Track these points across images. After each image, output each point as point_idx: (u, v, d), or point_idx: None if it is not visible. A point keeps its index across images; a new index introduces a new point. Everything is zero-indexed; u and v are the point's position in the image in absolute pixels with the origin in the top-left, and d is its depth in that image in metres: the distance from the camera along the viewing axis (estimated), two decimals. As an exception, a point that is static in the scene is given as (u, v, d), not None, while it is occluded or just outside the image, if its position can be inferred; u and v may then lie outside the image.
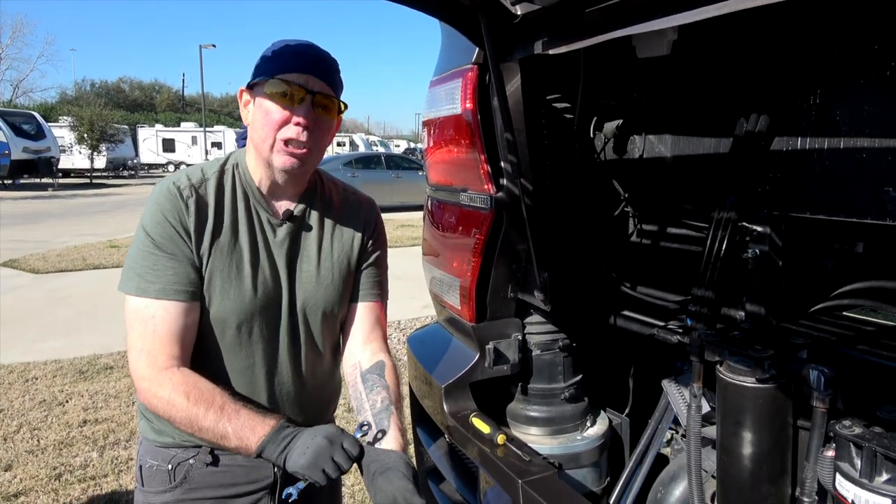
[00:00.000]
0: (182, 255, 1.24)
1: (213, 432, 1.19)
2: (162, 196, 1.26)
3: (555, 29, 1.33)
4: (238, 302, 1.28)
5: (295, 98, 1.23)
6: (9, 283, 7.99)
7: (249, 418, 1.19)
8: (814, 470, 1.03)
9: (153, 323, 1.22)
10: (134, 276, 1.24)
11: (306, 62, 1.26)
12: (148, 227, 1.24)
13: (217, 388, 1.23)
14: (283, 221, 1.35)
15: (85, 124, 28.42)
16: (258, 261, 1.31)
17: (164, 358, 1.22)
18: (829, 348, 1.12)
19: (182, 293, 1.23)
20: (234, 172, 1.34)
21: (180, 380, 1.21)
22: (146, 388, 1.22)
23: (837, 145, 1.27)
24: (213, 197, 1.29)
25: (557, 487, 1.27)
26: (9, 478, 3.30)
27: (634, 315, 1.71)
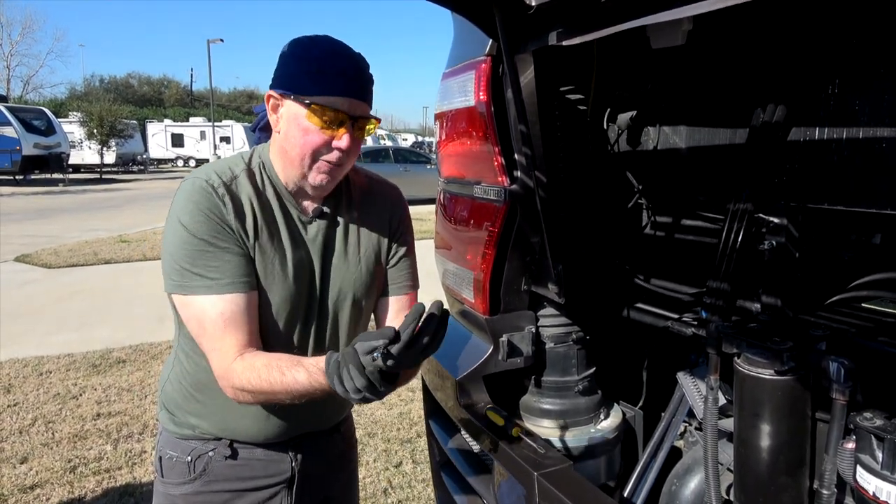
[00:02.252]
0: (235, 247, 1.23)
1: (291, 397, 1.19)
2: (197, 194, 1.22)
3: (569, 20, 1.32)
4: (279, 298, 1.28)
5: (337, 124, 1.21)
6: (21, 277, 8.06)
7: (306, 372, 1.16)
8: (833, 462, 1.02)
9: (222, 320, 1.21)
10: (192, 276, 1.21)
11: (351, 84, 1.22)
12: (191, 227, 1.21)
13: (269, 356, 1.22)
14: (312, 219, 1.35)
15: (94, 120, 28.55)
16: (296, 257, 1.31)
17: (233, 352, 1.22)
18: (848, 340, 1.11)
19: (247, 284, 1.23)
20: (260, 171, 1.31)
21: (244, 367, 1.20)
22: (227, 385, 1.23)
23: (856, 135, 1.25)
24: (245, 195, 1.26)
25: (573, 479, 1.27)
26: (25, 470, 3.34)
27: (648, 307, 1.70)
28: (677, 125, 1.73)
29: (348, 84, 1.21)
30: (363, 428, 3.85)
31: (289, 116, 1.23)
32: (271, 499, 1.39)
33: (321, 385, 1.16)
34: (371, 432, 3.80)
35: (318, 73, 1.19)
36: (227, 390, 1.24)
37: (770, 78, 1.44)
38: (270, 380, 1.18)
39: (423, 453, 3.52)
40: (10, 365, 4.88)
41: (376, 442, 3.68)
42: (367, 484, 3.23)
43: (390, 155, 18.13)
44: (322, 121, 1.20)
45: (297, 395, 1.19)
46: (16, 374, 4.70)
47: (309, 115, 1.20)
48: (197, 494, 1.36)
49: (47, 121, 25.17)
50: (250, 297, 1.24)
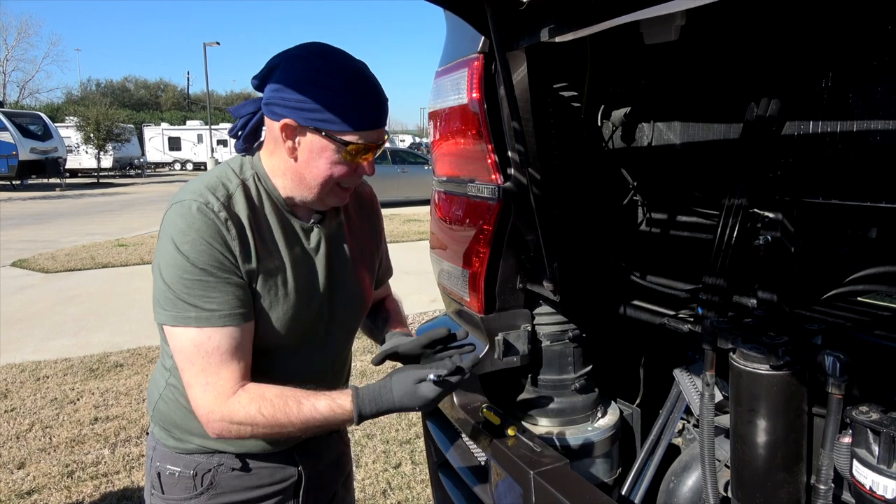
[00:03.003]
0: (234, 277, 1.18)
1: (308, 431, 1.22)
2: (199, 221, 1.16)
3: (561, 15, 1.32)
4: (286, 317, 1.26)
5: (363, 154, 1.22)
6: (19, 282, 8.05)
7: (328, 405, 1.20)
8: (830, 457, 1.01)
9: (218, 353, 1.17)
10: (187, 307, 1.16)
11: (378, 116, 1.21)
12: (192, 256, 1.15)
13: (282, 388, 1.21)
14: (312, 225, 1.33)
15: (91, 124, 28.53)
16: (298, 274, 1.29)
17: (230, 385, 1.18)
18: (844, 334, 1.11)
19: (244, 316, 1.19)
20: (256, 184, 1.27)
21: (248, 399, 1.18)
22: (217, 421, 1.18)
23: (850, 128, 1.25)
24: (244, 213, 1.22)
25: (570, 478, 1.26)
26: (22, 475, 3.33)
27: (644, 304, 1.69)
28: (671, 121, 1.72)
29: (377, 116, 1.21)
30: (362, 429, 3.84)
31: (312, 148, 1.20)
32: None
33: (345, 414, 1.19)
34: (370, 433, 3.79)
35: (353, 108, 1.17)
36: (216, 425, 1.18)
37: (763, 72, 1.43)
38: (287, 410, 1.17)
39: (422, 454, 3.51)
40: (7, 370, 4.87)
41: (375, 443, 3.67)
42: (366, 485, 3.22)
43: (388, 156, 18.11)
44: (350, 154, 1.20)
45: (313, 426, 1.20)
46: (13, 380, 4.69)
47: (341, 150, 1.19)
48: None
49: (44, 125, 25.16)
50: (246, 329, 1.21)
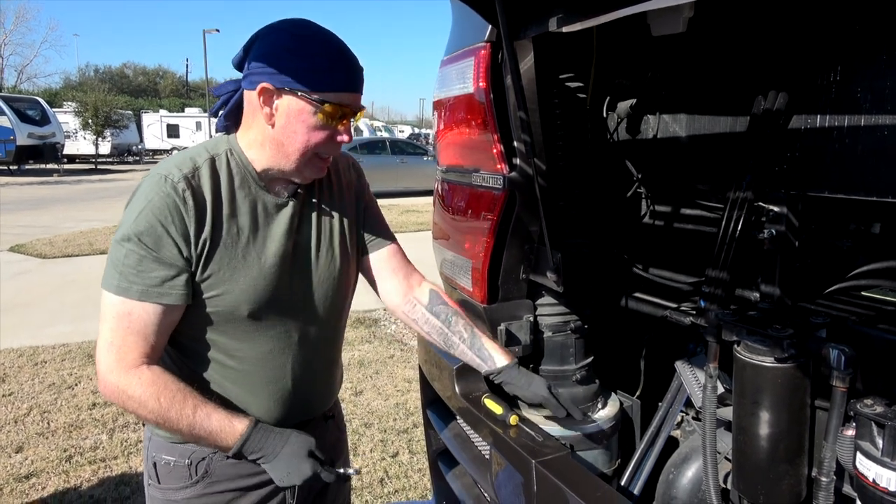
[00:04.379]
0: (170, 258, 1.19)
1: (188, 435, 1.22)
2: (155, 194, 1.19)
3: (569, 5, 1.31)
4: (248, 290, 1.26)
5: (341, 117, 1.23)
6: (16, 267, 8.03)
7: (220, 421, 1.22)
8: (833, 449, 1.02)
9: (129, 319, 1.19)
10: (115, 273, 1.19)
11: (352, 79, 1.23)
12: (135, 227, 1.18)
13: (187, 387, 1.22)
14: (287, 200, 1.32)
15: (89, 110, 28.36)
16: (264, 246, 1.29)
17: (134, 355, 1.20)
18: (848, 328, 1.11)
19: (165, 296, 1.20)
20: (227, 158, 1.28)
21: (150, 379, 1.19)
22: (114, 382, 1.19)
23: (857, 123, 1.25)
24: (208, 186, 1.23)
25: (571, 467, 1.27)
26: (20, 459, 3.33)
27: (647, 297, 1.70)
28: (677, 113, 1.72)
29: (353, 79, 1.23)
30: (360, 419, 3.85)
31: (290, 112, 1.21)
32: (275, 494, 1.38)
33: (230, 438, 1.23)
34: (368, 422, 3.80)
35: (328, 70, 1.19)
36: (109, 387, 1.20)
37: (771, 65, 1.43)
38: (182, 409, 1.19)
39: (420, 443, 3.53)
40: (5, 355, 4.87)
41: (373, 432, 3.68)
42: (363, 474, 3.23)
43: (387, 146, 18.10)
44: (327, 116, 1.20)
45: (198, 434, 1.21)
46: (10, 364, 4.69)
47: (318, 111, 1.20)
48: (200, 497, 1.34)
49: (42, 111, 25.02)
50: (166, 310, 1.21)
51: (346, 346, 5.14)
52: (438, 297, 1.52)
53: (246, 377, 1.32)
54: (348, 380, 4.45)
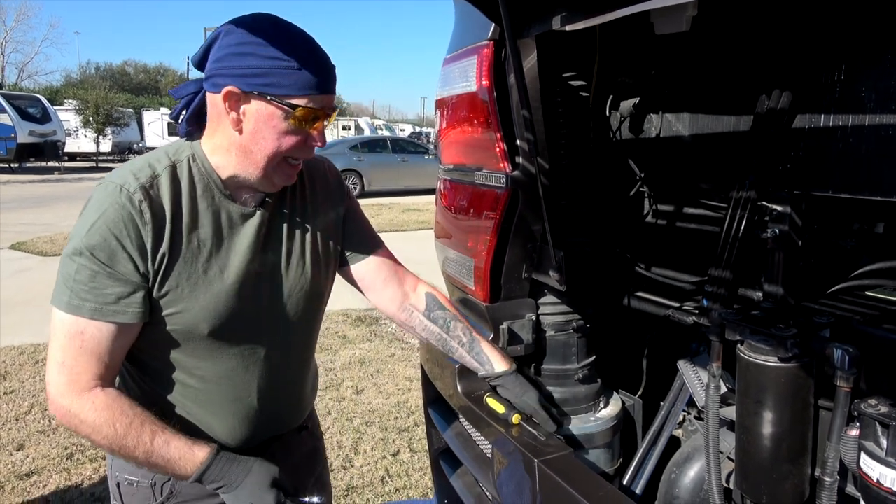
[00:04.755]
0: (126, 275, 1.11)
1: (145, 463, 1.15)
2: (109, 206, 1.10)
3: (573, 4, 1.31)
4: (208, 307, 1.18)
5: (313, 120, 1.15)
6: (17, 265, 8.03)
7: (180, 449, 1.14)
8: (836, 449, 1.02)
9: (81, 339, 1.11)
10: (66, 290, 1.11)
11: (323, 79, 1.13)
12: (88, 240, 1.09)
13: (144, 412, 1.15)
14: (254, 209, 1.24)
15: (90, 108, 28.37)
16: (228, 260, 1.20)
17: (87, 377, 1.12)
18: (852, 327, 1.11)
19: (120, 314, 1.12)
20: (190, 165, 1.19)
21: (104, 404, 1.12)
22: (65, 406, 1.12)
23: (861, 122, 1.24)
24: (168, 196, 1.14)
25: (574, 466, 1.27)
26: (21, 457, 3.34)
27: (649, 296, 1.69)
28: (680, 112, 1.71)
29: (326, 79, 1.14)
30: (361, 417, 3.85)
31: (259, 117, 1.12)
32: None
33: (190, 467, 1.14)
34: (369, 421, 3.80)
35: (298, 70, 1.10)
36: (61, 410, 1.13)
37: (775, 64, 1.42)
38: (140, 436, 1.12)
39: (421, 442, 3.53)
40: (6, 352, 4.87)
41: (374, 431, 3.68)
42: (364, 472, 3.23)
43: (388, 145, 18.10)
44: (298, 120, 1.12)
45: (155, 463, 1.14)
46: (12, 362, 4.69)
47: (289, 116, 1.12)
48: None
49: (42, 108, 25.00)
50: (121, 329, 1.14)
51: (348, 345, 5.15)
52: (436, 302, 1.48)
53: (208, 396, 1.26)
54: (350, 378, 4.45)
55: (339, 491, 3.06)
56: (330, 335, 5.37)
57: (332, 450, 3.45)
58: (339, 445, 3.51)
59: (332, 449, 3.46)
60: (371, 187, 16.59)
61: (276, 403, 1.35)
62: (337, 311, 5.85)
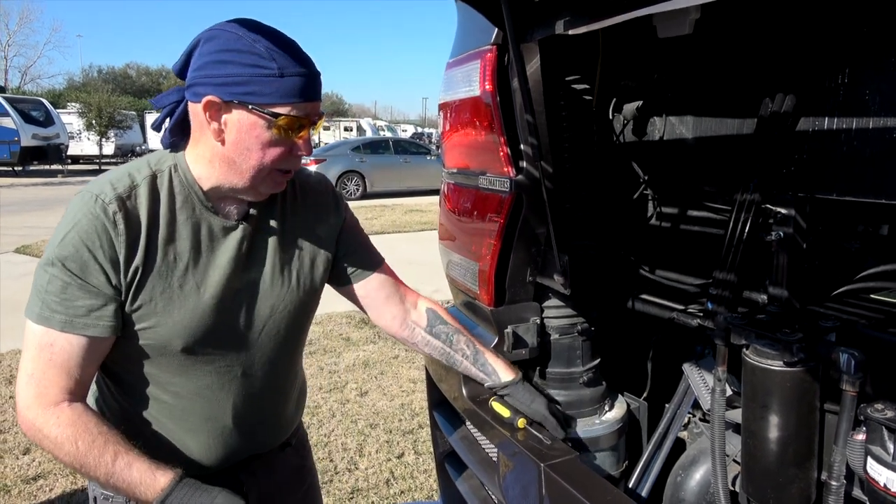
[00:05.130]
0: (97, 287, 1.09)
1: (106, 484, 1.11)
2: (83, 216, 1.08)
3: (576, 8, 1.31)
4: (182, 323, 1.15)
5: (297, 129, 1.11)
6: (21, 269, 8.05)
7: (142, 473, 1.09)
8: (843, 453, 1.02)
9: (50, 351, 1.09)
10: (37, 300, 1.09)
11: (307, 86, 1.09)
12: (60, 251, 1.07)
13: (110, 430, 1.11)
14: (237, 223, 1.21)
15: (93, 111, 28.45)
16: (205, 275, 1.18)
17: (55, 391, 1.09)
18: (858, 331, 1.11)
19: (91, 327, 1.10)
20: (171, 175, 1.16)
21: (69, 420, 1.08)
22: (31, 419, 1.09)
23: (866, 125, 1.24)
24: (145, 208, 1.12)
25: (579, 470, 1.27)
26: (27, 461, 3.35)
27: (654, 299, 1.70)
28: (684, 115, 1.72)
29: (309, 86, 1.10)
30: (365, 419, 3.85)
31: (241, 127, 1.09)
32: None
33: (151, 491, 1.08)
34: (373, 423, 3.81)
35: (279, 77, 1.06)
36: (27, 423, 1.10)
37: (778, 67, 1.42)
38: (102, 456, 1.07)
39: (425, 444, 3.53)
40: (12, 356, 4.88)
41: (378, 433, 3.68)
42: (369, 475, 3.24)
43: (390, 146, 18.11)
44: (282, 129, 1.09)
45: (115, 484, 1.08)
46: (18, 366, 4.69)
47: (272, 126, 1.08)
48: None
49: (46, 112, 25.09)
50: (91, 343, 1.11)
51: (351, 347, 5.15)
52: (437, 317, 1.47)
53: (183, 412, 1.23)
54: (354, 380, 4.46)
55: (345, 493, 3.07)
56: (334, 337, 5.37)
57: (337, 452, 3.45)
58: (343, 448, 3.51)
59: (336, 451, 3.46)
60: (373, 188, 16.60)
61: (254, 422, 1.32)
62: (340, 313, 5.86)
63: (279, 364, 1.33)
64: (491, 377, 1.48)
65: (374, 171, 16.74)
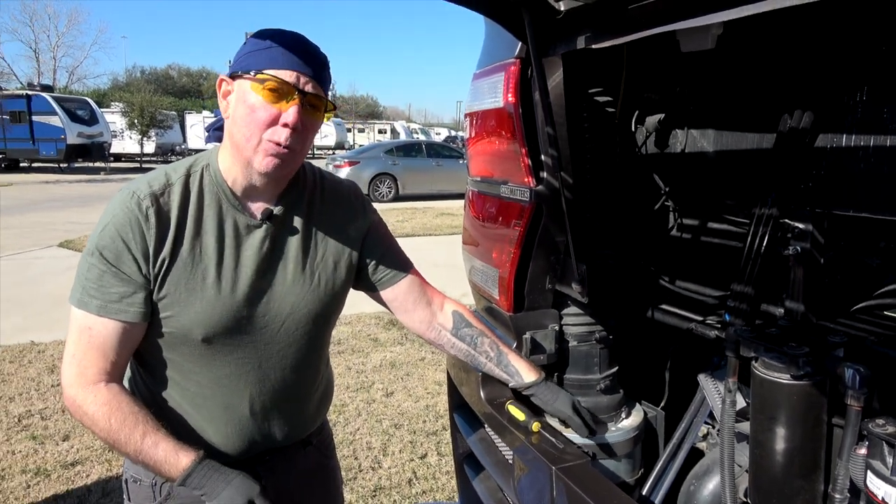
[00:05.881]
0: (130, 275, 1.18)
1: (135, 461, 1.20)
2: (119, 210, 1.18)
3: (598, 24, 1.34)
4: (202, 314, 1.23)
5: (284, 97, 1.16)
6: (66, 263, 8.34)
7: (167, 452, 1.19)
8: (846, 467, 1.03)
9: (89, 334, 1.20)
10: (79, 286, 1.20)
11: (297, 59, 1.17)
12: (99, 241, 1.18)
13: (141, 411, 1.21)
14: (261, 222, 1.28)
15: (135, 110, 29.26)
16: (228, 270, 1.25)
17: (93, 371, 1.20)
18: (866, 347, 1.12)
19: (123, 312, 1.19)
20: (203, 174, 1.26)
21: (105, 398, 1.19)
22: (72, 396, 1.21)
23: (883, 143, 1.25)
24: (176, 205, 1.21)
25: (590, 475, 1.30)
26: (66, 447, 3.49)
27: (672, 309, 1.71)
28: (705, 128, 1.73)
29: (297, 58, 1.18)
30: (390, 419, 3.92)
31: (237, 97, 1.19)
32: None
33: (174, 470, 1.18)
34: (397, 423, 3.86)
35: (267, 48, 1.17)
36: (68, 400, 1.21)
37: (798, 84, 1.44)
38: (132, 434, 1.17)
39: (448, 446, 3.57)
40: (55, 346, 5.09)
41: (402, 433, 3.74)
42: (392, 474, 3.29)
43: (423, 149, 18.21)
44: (268, 92, 1.15)
45: (143, 461, 1.19)
46: (59, 356, 4.89)
47: (254, 85, 1.16)
48: None
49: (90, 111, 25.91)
50: (125, 327, 1.20)
51: (379, 347, 5.22)
52: (462, 320, 1.52)
53: (203, 400, 1.30)
54: (380, 381, 4.53)
55: (367, 491, 3.13)
56: (362, 338, 5.45)
57: (362, 451, 3.52)
58: (368, 447, 3.58)
59: (361, 450, 3.53)
60: (405, 191, 16.72)
61: (271, 415, 1.37)
62: (369, 314, 5.94)
63: (298, 361, 1.38)
64: (514, 378, 1.52)
65: (406, 174, 16.86)
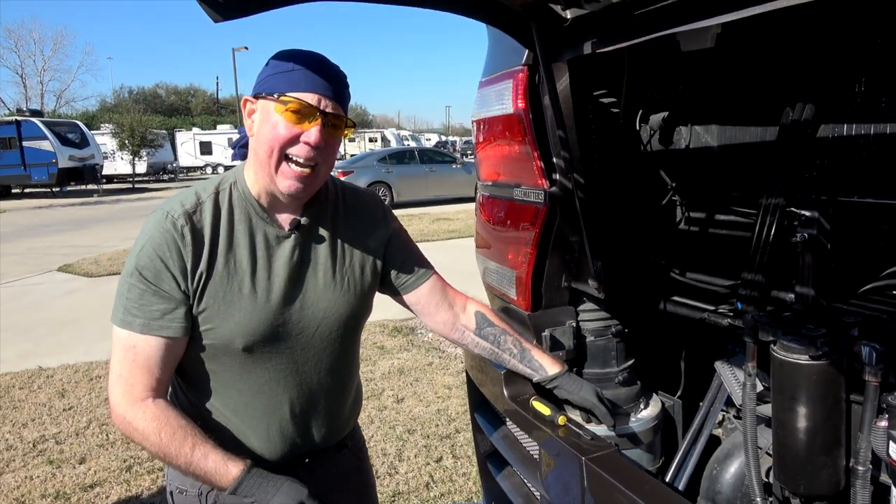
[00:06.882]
0: (169, 292, 1.23)
1: (186, 472, 1.24)
2: (155, 230, 1.23)
3: (603, 30, 1.40)
4: (242, 324, 1.27)
5: (306, 118, 1.22)
6: (65, 286, 8.34)
7: (216, 463, 1.22)
8: (868, 440, 1.09)
9: (134, 352, 1.23)
10: (120, 307, 1.24)
11: (319, 80, 1.23)
12: (137, 261, 1.23)
13: (188, 424, 1.24)
14: (290, 233, 1.33)
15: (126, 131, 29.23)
16: (262, 280, 1.30)
17: (140, 388, 1.23)
18: (879, 325, 1.18)
19: (165, 329, 1.23)
20: (232, 191, 1.31)
21: (153, 414, 1.22)
22: (121, 414, 1.24)
23: (883, 131, 1.31)
24: (209, 222, 1.27)
25: (619, 462, 1.34)
26: (84, 470, 3.51)
27: (685, 300, 1.77)
28: (708, 124, 1.79)
29: (318, 80, 1.23)
30: (403, 425, 3.95)
31: (261, 116, 1.25)
32: None
33: (225, 480, 1.21)
34: (411, 429, 3.90)
35: (290, 71, 1.22)
36: (118, 418, 1.25)
37: (798, 77, 1.49)
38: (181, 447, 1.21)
39: (463, 448, 3.61)
40: (63, 371, 5.09)
41: (416, 438, 3.78)
42: (409, 479, 3.33)
43: (416, 156, 18.23)
44: (291, 114, 1.21)
45: (194, 472, 1.23)
46: (68, 380, 4.90)
47: (278, 107, 1.21)
48: None
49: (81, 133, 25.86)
50: (168, 343, 1.25)
51: (386, 355, 5.26)
52: (485, 320, 1.57)
53: (245, 408, 1.34)
54: (390, 387, 4.56)
55: (386, 497, 3.16)
56: (368, 346, 5.49)
57: (377, 457, 3.55)
58: (383, 453, 3.61)
59: (376, 457, 3.56)
60: (400, 198, 16.75)
61: (310, 417, 1.42)
62: (374, 322, 5.97)
63: (332, 364, 1.43)
64: (538, 372, 1.57)
65: (400, 181, 16.90)
